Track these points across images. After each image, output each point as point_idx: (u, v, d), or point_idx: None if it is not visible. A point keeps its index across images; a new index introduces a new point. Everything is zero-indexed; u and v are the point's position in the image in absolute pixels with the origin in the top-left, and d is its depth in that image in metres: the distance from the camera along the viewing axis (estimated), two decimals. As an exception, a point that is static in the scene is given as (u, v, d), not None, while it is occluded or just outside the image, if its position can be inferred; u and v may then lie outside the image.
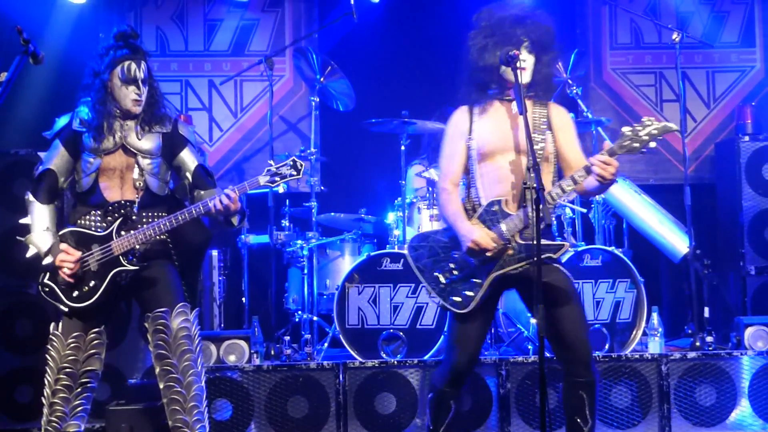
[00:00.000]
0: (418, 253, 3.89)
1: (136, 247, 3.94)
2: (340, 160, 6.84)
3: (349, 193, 6.81)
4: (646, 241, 6.22)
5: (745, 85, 7.10)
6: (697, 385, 5.08)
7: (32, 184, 4.08)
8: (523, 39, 3.79)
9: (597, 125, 6.07)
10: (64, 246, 3.92)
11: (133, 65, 4.00)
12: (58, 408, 3.93)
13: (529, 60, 3.82)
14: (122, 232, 3.94)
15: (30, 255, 4.00)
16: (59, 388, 3.93)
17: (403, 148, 5.91)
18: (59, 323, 3.98)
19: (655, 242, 6.14)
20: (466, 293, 3.75)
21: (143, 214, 4.03)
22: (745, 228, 5.97)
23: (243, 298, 6.11)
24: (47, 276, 3.95)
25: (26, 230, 4.03)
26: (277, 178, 3.99)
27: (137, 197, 4.02)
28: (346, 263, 5.94)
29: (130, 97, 4.01)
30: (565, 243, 3.70)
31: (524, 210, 3.66)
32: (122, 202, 3.99)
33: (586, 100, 6.43)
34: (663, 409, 5.03)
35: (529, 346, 5.39)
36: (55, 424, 3.93)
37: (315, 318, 5.83)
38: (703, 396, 5.08)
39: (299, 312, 5.93)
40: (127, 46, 4.01)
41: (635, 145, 3.55)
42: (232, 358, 5.13)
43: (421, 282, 3.86)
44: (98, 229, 3.98)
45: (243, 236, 6.11)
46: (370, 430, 4.99)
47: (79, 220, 4.03)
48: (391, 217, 5.98)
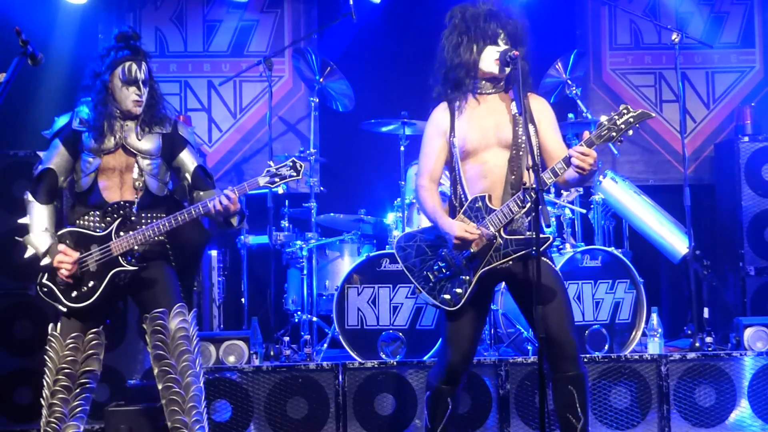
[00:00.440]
0: (406, 253, 3.89)
1: (135, 247, 3.94)
2: (339, 160, 6.84)
3: (348, 194, 6.80)
4: (645, 242, 6.21)
5: (745, 86, 7.09)
6: (696, 385, 5.08)
7: (31, 184, 4.07)
8: (499, 32, 3.80)
9: (596, 126, 6.05)
10: (62, 247, 3.91)
11: (134, 66, 3.99)
12: (57, 409, 3.92)
13: None
14: (121, 233, 3.94)
15: (28, 255, 4.00)
16: (58, 389, 3.92)
17: (402, 148, 5.92)
18: (58, 324, 3.98)
19: (655, 243, 6.13)
20: (456, 291, 3.74)
21: (142, 215, 4.02)
22: (744, 228, 5.97)
23: (242, 299, 6.11)
24: (45, 276, 3.94)
25: (25, 231, 4.02)
26: (276, 179, 3.99)
27: (136, 198, 4.02)
28: (346, 264, 5.94)
29: (131, 98, 4.01)
30: (550, 236, 3.68)
31: (507, 205, 3.66)
32: (121, 203, 3.99)
33: (586, 101, 6.43)
34: (662, 409, 5.03)
35: (529, 347, 5.39)
36: (54, 425, 3.92)
37: (314, 319, 5.83)
38: (703, 397, 5.08)
39: (298, 313, 5.93)
40: (128, 47, 4.01)
41: (613, 134, 3.55)
42: (232, 359, 5.13)
43: (411, 281, 3.86)
44: (97, 230, 3.97)
45: (242, 237, 6.11)
46: (370, 431, 4.99)
47: (78, 220, 4.02)
48: (390, 218, 5.98)
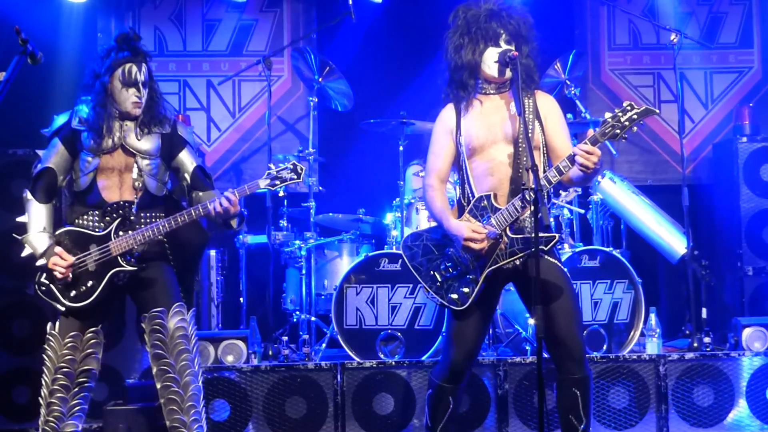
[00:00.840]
0: (413, 252, 3.89)
1: (135, 247, 3.94)
2: (338, 160, 6.84)
3: (347, 194, 6.80)
4: (644, 242, 6.22)
5: (743, 86, 7.09)
6: (694, 385, 5.09)
7: (30, 183, 4.06)
8: (501, 32, 3.79)
9: (595, 126, 6.03)
10: (58, 249, 3.91)
11: (134, 68, 3.99)
12: (56, 408, 3.92)
13: None
14: (120, 233, 3.94)
15: (25, 255, 4.00)
16: (56, 388, 3.92)
17: (401, 148, 5.92)
18: (56, 323, 3.97)
19: (653, 243, 6.14)
20: (463, 290, 3.75)
21: (142, 215, 4.02)
22: (742, 229, 5.97)
23: (241, 299, 6.11)
24: (44, 275, 3.94)
25: (24, 229, 4.02)
26: (277, 182, 4.00)
27: (136, 198, 4.02)
28: (344, 264, 5.94)
29: (131, 100, 4.01)
30: (556, 234, 3.66)
31: (512, 204, 3.66)
32: (121, 203, 3.98)
33: (585, 101, 6.44)
34: (661, 409, 5.03)
35: (527, 347, 5.39)
36: (52, 424, 3.92)
37: (313, 318, 5.83)
38: (701, 397, 5.08)
39: (297, 312, 5.93)
40: (128, 49, 4.01)
41: (617, 131, 3.53)
42: (230, 359, 5.12)
43: (418, 281, 3.87)
44: (96, 229, 3.97)
45: (241, 236, 6.10)
46: (368, 431, 4.99)
47: (76, 220, 4.02)
48: (389, 218, 5.98)
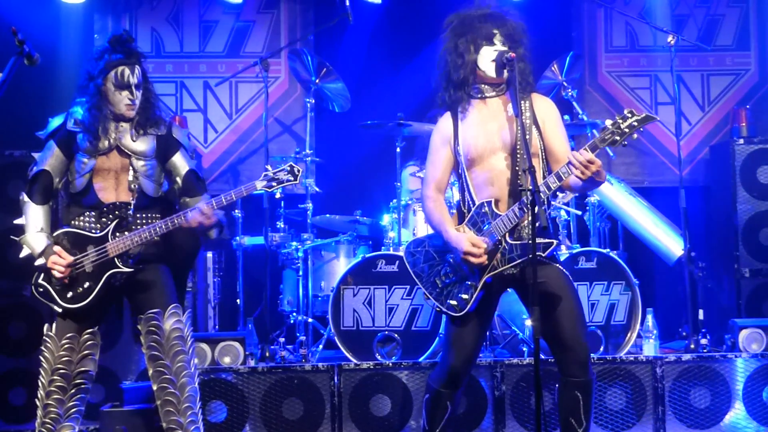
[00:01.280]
0: (415, 258, 3.89)
1: (132, 249, 3.94)
2: (335, 161, 6.83)
3: (344, 195, 6.80)
4: (640, 244, 6.22)
5: (740, 88, 7.10)
6: (691, 387, 5.09)
7: (27, 185, 4.06)
8: (495, 31, 3.79)
9: (592, 128, 6.07)
10: (57, 249, 3.91)
11: (127, 71, 3.99)
12: (52, 409, 3.92)
13: None
14: (118, 234, 3.94)
15: (23, 255, 3.99)
16: (53, 389, 3.92)
17: (398, 149, 5.91)
18: (53, 324, 3.97)
19: (650, 244, 6.14)
20: (462, 296, 3.75)
21: (138, 216, 4.02)
22: (739, 230, 5.97)
23: (238, 300, 6.11)
24: (41, 276, 3.94)
25: (21, 231, 4.01)
26: (274, 183, 4.00)
27: (132, 199, 4.02)
28: (341, 265, 5.94)
29: (124, 102, 4.01)
30: (553, 240, 3.66)
31: (512, 210, 3.66)
32: (117, 204, 3.98)
33: (582, 103, 6.44)
34: (658, 411, 5.04)
35: (524, 348, 5.39)
36: (49, 426, 3.92)
37: (310, 320, 5.83)
38: (698, 398, 5.09)
39: (294, 314, 5.92)
40: (122, 51, 4.01)
41: (617, 137, 3.51)
42: (227, 360, 5.12)
43: (419, 287, 3.86)
44: (93, 230, 3.97)
45: (238, 238, 6.11)
46: (365, 432, 5.00)
47: (73, 221, 4.02)
48: (386, 219, 5.98)
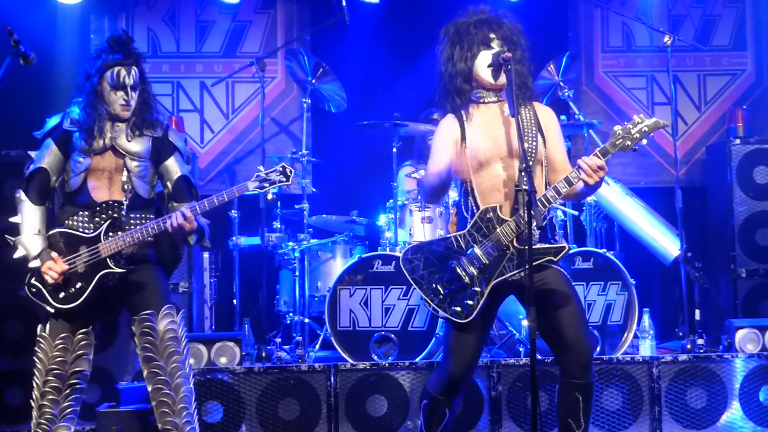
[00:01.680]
0: (414, 266, 3.82)
1: (124, 249, 3.93)
2: (331, 161, 6.83)
3: (340, 195, 6.79)
4: (637, 244, 6.23)
5: (737, 89, 7.10)
6: (688, 387, 5.09)
7: (23, 184, 4.05)
8: (492, 36, 3.78)
9: (588, 128, 6.09)
10: (54, 255, 3.90)
11: (123, 71, 3.98)
12: (47, 410, 3.91)
13: None
14: (110, 234, 3.93)
15: (18, 256, 3.98)
16: (48, 390, 3.91)
17: (394, 149, 5.90)
18: (46, 325, 3.96)
19: (647, 245, 6.15)
20: (467, 303, 3.71)
21: (131, 216, 4.01)
22: (736, 231, 5.97)
23: (234, 300, 6.10)
24: (34, 277, 3.93)
25: (16, 230, 4.00)
26: (266, 184, 3.99)
27: (125, 199, 4.01)
28: (338, 265, 5.93)
29: (119, 103, 4.00)
30: (565, 246, 3.68)
31: (519, 216, 3.63)
32: (110, 203, 3.97)
33: (578, 103, 6.44)
34: (654, 411, 5.03)
35: (521, 349, 5.39)
36: (44, 427, 3.90)
37: (306, 320, 5.82)
38: (694, 399, 5.09)
39: (290, 314, 5.92)
40: (120, 51, 4.00)
41: (627, 143, 3.57)
42: (223, 360, 5.11)
43: (420, 294, 3.82)
44: (86, 230, 3.96)
45: (234, 238, 6.10)
46: (361, 433, 4.99)
47: (66, 221, 4.01)
48: (382, 219, 5.98)
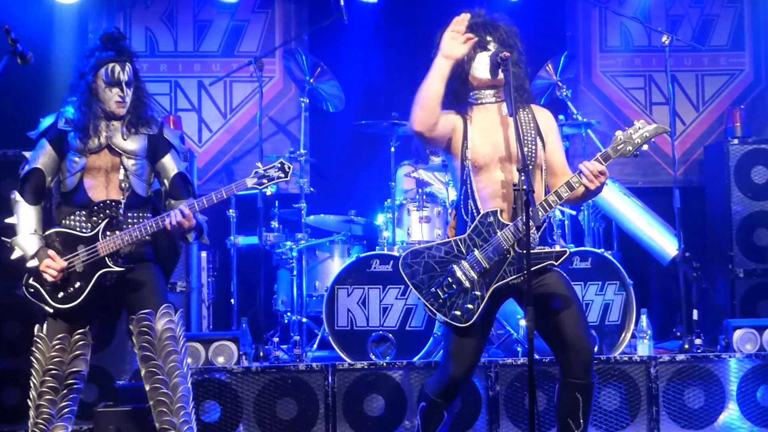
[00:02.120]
0: (413, 270, 3.80)
1: (122, 248, 3.92)
2: (329, 161, 6.83)
3: (338, 195, 6.79)
4: (635, 244, 6.23)
5: (735, 89, 7.11)
6: (685, 387, 5.09)
7: (18, 184, 4.04)
8: (488, 39, 3.77)
9: (587, 127, 6.09)
10: (51, 253, 3.89)
11: (117, 68, 3.97)
12: (45, 410, 3.90)
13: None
14: (108, 233, 3.92)
15: (15, 257, 3.97)
16: (45, 390, 3.90)
17: (392, 149, 5.91)
18: (44, 325, 3.95)
19: (645, 245, 6.15)
20: (467, 307, 3.70)
21: (129, 215, 4.00)
22: (733, 231, 5.97)
23: (232, 300, 6.10)
24: (32, 277, 3.93)
25: (12, 230, 3.99)
26: (264, 181, 3.99)
27: (123, 198, 4.00)
28: (336, 265, 5.92)
29: (114, 100, 3.99)
30: (567, 249, 3.69)
31: (518, 220, 3.62)
32: (108, 202, 3.96)
33: (576, 103, 6.44)
34: (652, 411, 5.03)
35: (518, 349, 5.39)
36: (42, 427, 3.90)
37: (304, 320, 5.82)
38: (692, 398, 5.09)
39: (288, 313, 5.91)
40: (113, 48, 3.99)
41: (629, 148, 3.61)
42: (221, 360, 5.11)
43: (419, 298, 3.81)
44: (84, 230, 3.95)
45: (232, 237, 6.10)
46: (359, 432, 4.99)
47: (63, 220, 4.00)
48: (380, 219, 5.98)
